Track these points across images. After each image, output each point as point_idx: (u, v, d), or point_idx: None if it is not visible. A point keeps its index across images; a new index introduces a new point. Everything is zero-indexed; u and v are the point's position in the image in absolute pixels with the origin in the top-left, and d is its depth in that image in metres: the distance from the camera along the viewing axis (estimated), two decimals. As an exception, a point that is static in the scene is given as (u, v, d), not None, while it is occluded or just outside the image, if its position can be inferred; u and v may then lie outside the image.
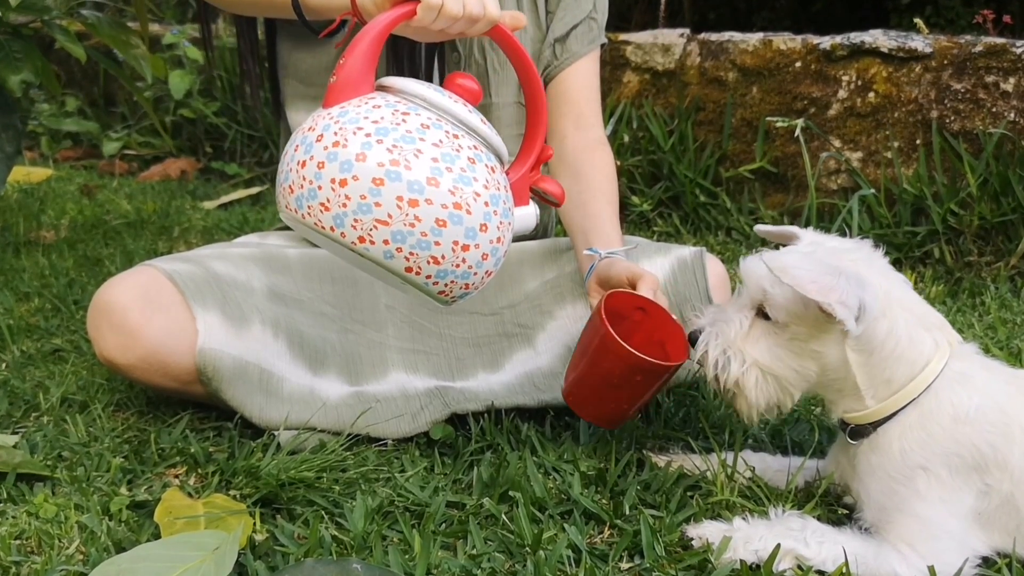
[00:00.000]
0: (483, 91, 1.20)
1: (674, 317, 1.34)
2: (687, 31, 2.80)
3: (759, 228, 1.29)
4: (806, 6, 3.70)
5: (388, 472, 1.31)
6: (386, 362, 1.51)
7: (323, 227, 1.04)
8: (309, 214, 1.05)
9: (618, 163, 2.71)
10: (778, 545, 1.07)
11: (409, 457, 1.35)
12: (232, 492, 1.23)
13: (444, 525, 1.17)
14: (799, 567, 1.08)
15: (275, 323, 1.44)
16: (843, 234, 1.24)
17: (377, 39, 1.10)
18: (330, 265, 1.54)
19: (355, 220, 1.03)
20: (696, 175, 2.67)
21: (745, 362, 1.15)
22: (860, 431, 1.16)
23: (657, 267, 1.54)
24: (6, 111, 2.03)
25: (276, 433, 1.35)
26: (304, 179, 1.04)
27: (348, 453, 1.34)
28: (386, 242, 1.03)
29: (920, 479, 1.10)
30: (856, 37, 2.51)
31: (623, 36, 2.85)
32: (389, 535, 1.15)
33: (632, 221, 2.72)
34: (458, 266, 1.07)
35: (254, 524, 1.14)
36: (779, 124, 2.57)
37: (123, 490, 1.23)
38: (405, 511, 1.20)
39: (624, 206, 2.75)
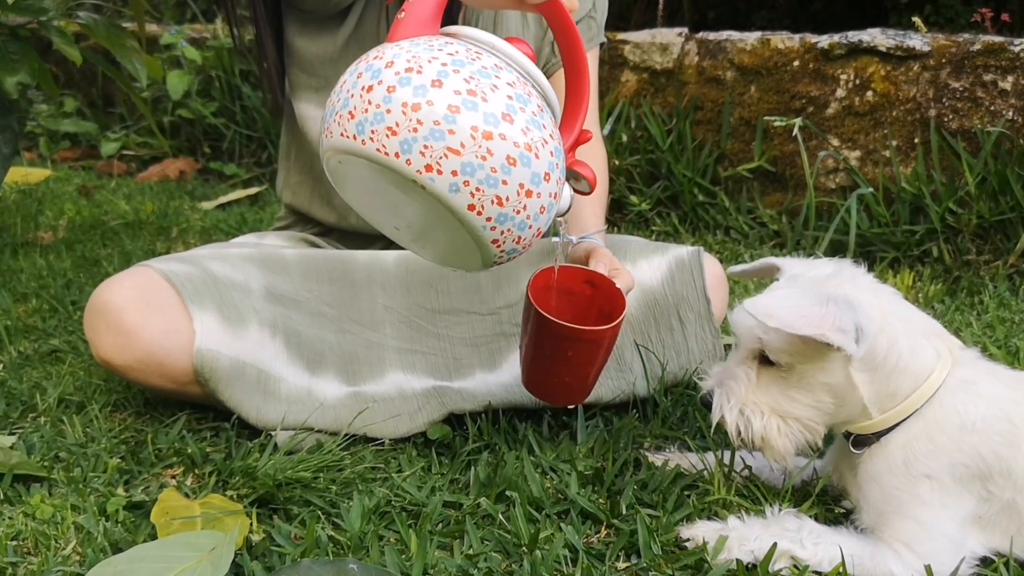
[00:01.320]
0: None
1: (618, 286, 1.32)
2: (685, 30, 2.80)
3: (733, 270, 1.27)
4: (805, 5, 3.69)
5: (385, 472, 1.30)
6: (384, 362, 1.51)
7: (387, 153, 0.99)
8: (372, 139, 0.99)
9: (616, 163, 2.73)
10: (774, 544, 1.07)
11: (406, 457, 1.35)
12: (229, 492, 1.23)
13: (441, 525, 1.17)
14: (795, 567, 1.08)
15: (272, 323, 1.44)
16: (837, 244, 1.22)
17: None
18: (328, 265, 1.54)
19: (425, 147, 0.98)
20: (694, 174, 2.67)
21: (764, 414, 1.13)
22: (863, 440, 1.15)
23: (655, 267, 1.54)
24: (3, 113, 2.03)
25: (273, 433, 1.35)
26: (370, 103, 1.00)
27: (345, 453, 1.34)
28: (454, 173, 0.98)
29: (924, 487, 1.09)
30: (854, 36, 2.51)
31: (621, 35, 2.85)
32: (386, 535, 1.15)
33: (631, 221, 2.72)
34: (518, 212, 1.03)
35: (251, 524, 1.14)
36: (777, 123, 2.57)
37: (120, 491, 1.23)
38: (402, 511, 1.20)
39: (623, 206, 2.75)
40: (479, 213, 1.01)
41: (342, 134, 1.02)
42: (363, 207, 1.14)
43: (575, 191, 1.20)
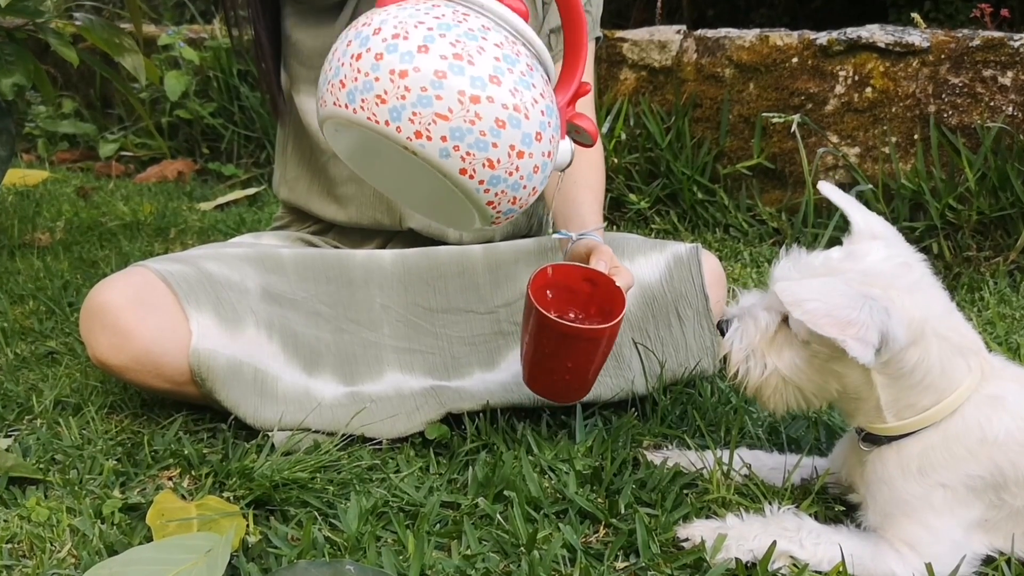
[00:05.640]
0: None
1: (617, 284, 1.31)
2: (683, 28, 2.79)
3: (824, 185, 1.18)
4: (804, 2, 3.69)
5: (383, 472, 1.30)
6: (381, 362, 1.51)
7: (377, 121, 1.00)
8: (363, 107, 1.01)
9: (615, 161, 2.72)
10: (773, 543, 1.06)
11: (404, 457, 1.34)
12: (226, 494, 1.22)
13: (439, 525, 1.16)
14: (794, 566, 1.07)
15: (269, 324, 1.44)
16: (837, 242, 1.16)
17: None
18: (325, 265, 1.54)
19: (413, 113, 0.99)
20: (693, 172, 2.67)
21: (766, 368, 1.11)
22: (874, 439, 1.13)
23: (653, 264, 1.54)
24: None
25: (270, 434, 1.35)
26: (359, 71, 1.01)
27: (342, 453, 1.34)
28: (444, 139, 1.00)
29: (937, 495, 1.08)
30: (853, 32, 2.50)
31: (620, 33, 2.85)
32: (383, 536, 1.14)
33: (630, 219, 2.71)
34: (511, 174, 1.04)
35: (247, 526, 1.14)
36: (776, 120, 2.56)
37: (116, 493, 1.22)
38: (399, 511, 1.19)
39: (622, 204, 2.75)
40: (471, 176, 1.02)
41: (335, 103, 1.04)
42: (365, 171, 1.16)
43: (576, 143, 1.19)
